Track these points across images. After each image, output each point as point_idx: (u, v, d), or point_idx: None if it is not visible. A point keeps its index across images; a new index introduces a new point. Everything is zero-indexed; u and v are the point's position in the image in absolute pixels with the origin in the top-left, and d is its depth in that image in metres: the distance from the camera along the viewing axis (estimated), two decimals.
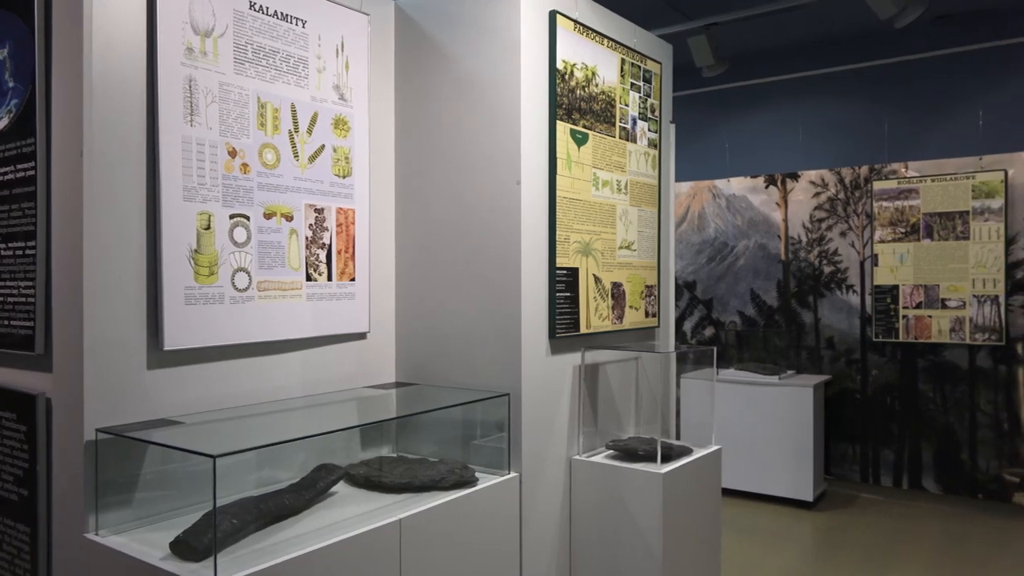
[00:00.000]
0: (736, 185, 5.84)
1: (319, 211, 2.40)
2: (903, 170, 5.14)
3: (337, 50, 2.47)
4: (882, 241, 5.19)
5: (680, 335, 6.10)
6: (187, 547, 1.68)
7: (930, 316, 5.03)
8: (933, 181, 5.00)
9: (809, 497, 4.91)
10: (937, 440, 5.04)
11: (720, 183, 5.91)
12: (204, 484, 1.95)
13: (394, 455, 2.63)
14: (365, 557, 1.90)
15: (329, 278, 2.43)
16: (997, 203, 4.80)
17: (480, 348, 2.54)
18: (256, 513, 1.88)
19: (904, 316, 5.12)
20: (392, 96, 2.75)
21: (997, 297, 4.80)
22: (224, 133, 2.12)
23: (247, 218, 2.18)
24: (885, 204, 5.17)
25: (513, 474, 2.45)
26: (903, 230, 5.11)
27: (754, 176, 5.77)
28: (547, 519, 2.61)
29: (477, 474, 2.38)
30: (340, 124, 2.47)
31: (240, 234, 2.16)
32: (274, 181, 2.26)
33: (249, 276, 2.18)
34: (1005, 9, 4.89)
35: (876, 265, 5.22)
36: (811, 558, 4.13)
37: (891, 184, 5.15)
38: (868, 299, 5.27)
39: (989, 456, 4.86)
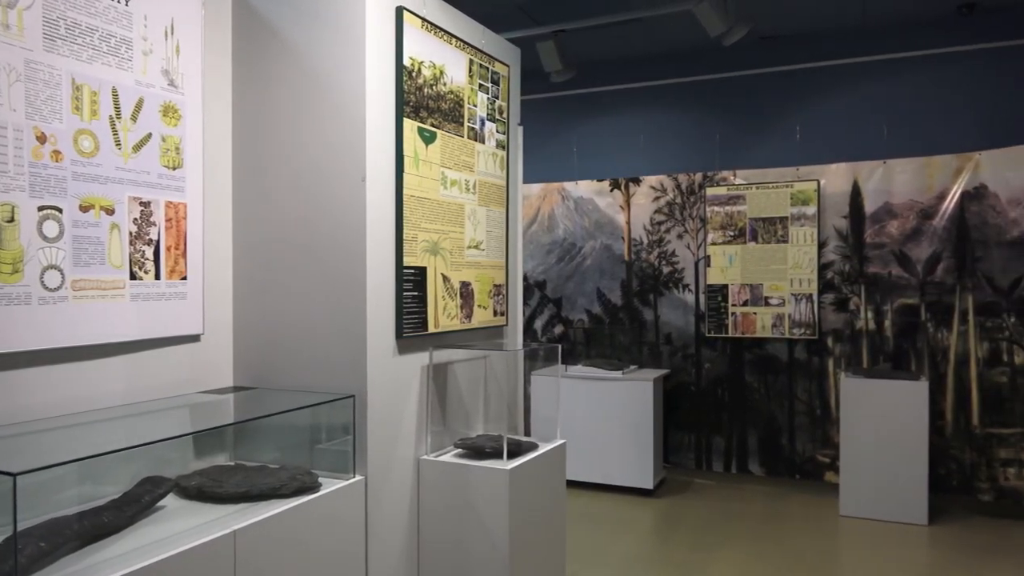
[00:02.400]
0: (584, 188, 6.06)
1: (145, 204, 2.23)
2: (732, 178, 5.55)
3: (166, 32, 2.30)
4: (714, 243, 5.57)
5: (531, 333, 6.25)
6: None
7: (755, 313, 5.46)
8: (757, 189, 5.44)
9: (649, 485, 5.18)
10: (761, 427, 5.48)
11: (569, 185, 6.11)
12: (5, 505, 1.76)
13: (231, 463, 2.50)
14: (195, 574, 1.78)
15: (157, 276, 2.27)
16: (811, 210, 5.28)
17: (324, 349, 2.47)
18: (70, 534, 1.72)
19: (733, 313, 5.52)
20: (229, 85, 2.61)
21: (811, 295, 5.29)
22: (31, 116, 1.92)
23: (59, 210, 1.98)
24: (716, 209, 5.55)
25: (358, 477, 2.40)
26: (732, 233, 5.52)
27: (600, 180, 6.01)
28: (394, 521, 2.58)
29: (321, 479, 2.31)
30: (169, 112, 2.31)
31: (51, 228, 1.96)
32: (92, 171, 2.07)
33: (62, 274, 1.99)
34: (822, 34, 5.41)
35: (709, 266, 5.59)
36: (651, 541, 4.37)
37: (721, 190, 5.54)
38: (702, 297, 5.63)
39: (805, 440, 5.35)
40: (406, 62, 2.56)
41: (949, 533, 4.46)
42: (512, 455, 2.69)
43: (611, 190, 5.96)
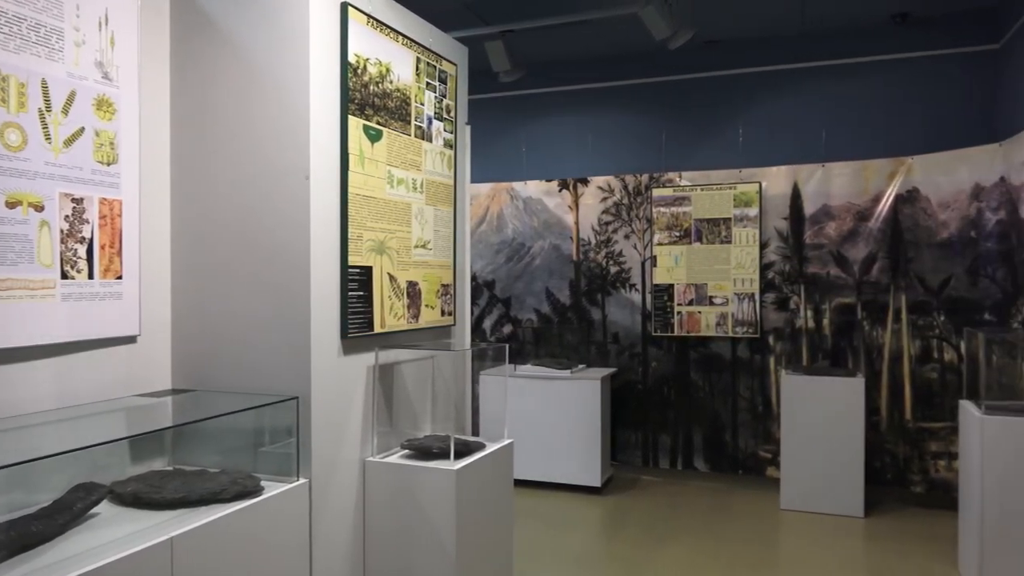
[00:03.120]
0: (532, 188, 6.08)
1: (77, 201, 2.15)
2: (677, 179, 5.64)
3: (100, 23, 2.23)
4: (660, 244, 5.65)
5: (480, 333, 6.24)
6: None
7: (700, 312, 5.57)
8: (702, 190, 5.54)
9: (597, 483, 5.23)
10: (706, 424, 5.58)
11: (518, 185, 6.12)
12: None
13: (169, 468, 2.43)
14: None
15: (90, 276, 2.19)
16: (754, 211, 5.41)
17: (267, 350, 2.42)
18: None
19: (678, 312, 5.61)
20: (167, 79, 2.54)
21: (753, 295, 5.41)
22: None
23: None
24: (662, 210, 5.64)
25: (302, 480, 2.36)
26: (677, 234, 5.61)
27: (549, 180, 6.04)
28: (339, 524, 2.54)
29: (263, 483, 2.26)
30: (104, 105, 2.23)
31: None
32: (19, 166, 1.99)
33: None
34: (763, 40, 5.54)
35: (655, 266, 5.67)
36: (598, 539, 4.41)
37: (667, 191, 5.63)
38: (648, 297, 5.71)
39: (747, 436, 5.47)
40: (351, 59, 2.53)
41: (883, 524, 4.61)
42: (459, 455, 2.68)
43: (559, 190, 5.99)
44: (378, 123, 2.68)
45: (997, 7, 4.89)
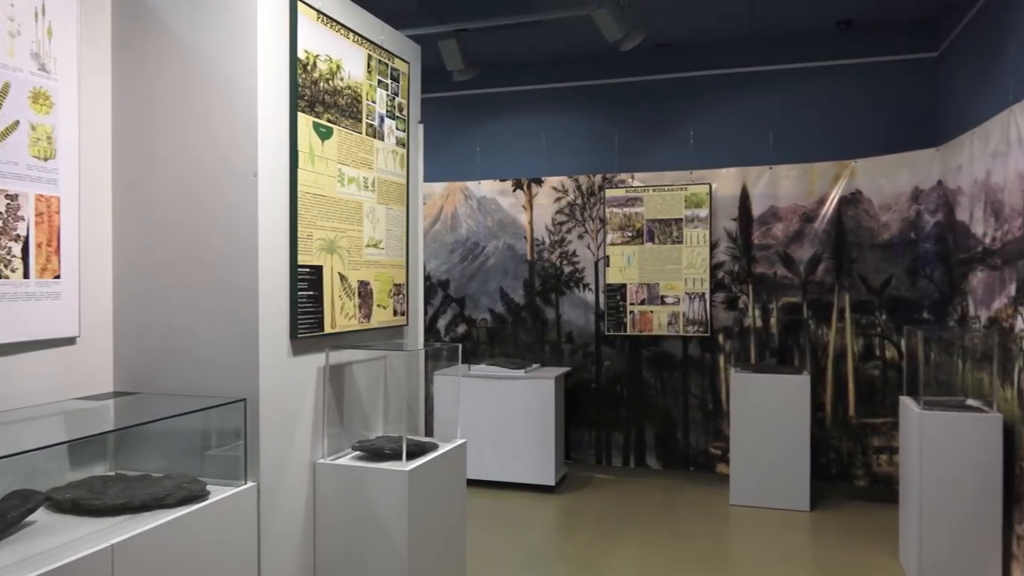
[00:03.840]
0: (486, 188, 6.08)
1: (12, 197, 2.07)
2: (630, 180, 5.70)
3: (36, 14, 2.15)
4: (613, 244, 5.71)
5: (434, 333, 6.21)
6: None
7: (652, 311, 5.64)
8: (654, 191, 5.61)
9: (551, 482, 5.25)
10: (658, 421, 5.66)
11: (472, 185, 6.11)
12: None
13: (111, 473, 2.36)
14: None
15: (26, 275, 2.11)
16: (704, 212, 5.50)
17: (213, 351, 2.36)
18: None
19: (631, 312, 5.68)
20: (109, 72, 2.46)
21: (704, 294, 5.51)
22: None
23: None
24: (615, 210, 5.70)
25: (250, 484, 2.32)
26: (630, 234, 5.67)
27: (503, 180, 6.05)
28: (289, 528, 2.50)
29: (210, 487, 2.21)
30: (40, 98, 2.16)
31: None
32: None
33: None
34: (713, 43, 5.63)
35: (608, 266, 5.73)
36: (552, 538, 4.43)
37: (620, 192, 5.68)
38: (601, 296, 5.76)
39: (698, 433, 5.56)
40: (301, 55, 2.49)
41: (828, 518, 4.74)
42: (412, 456, 2.67)
43: (514, 190, 6.00)
44: (328, 120, 2.64)
45: (935, 18, 5.06)
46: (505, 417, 5.31)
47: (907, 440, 3.87)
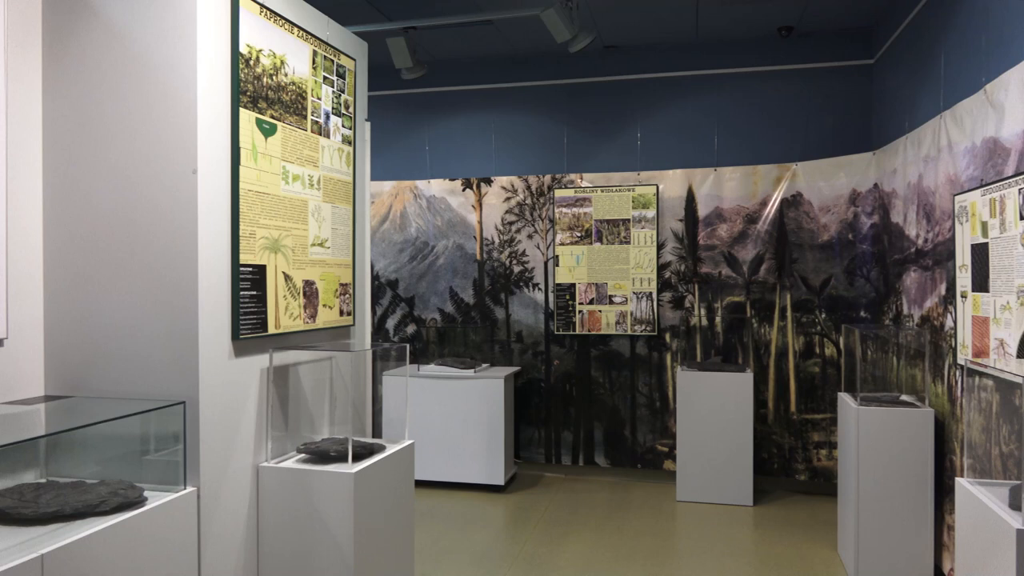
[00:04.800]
0: (436, 187, 6.05)
1: None
2: (579, 180, 5.75)
3: None
4: (562, 244, 5.74)
5: (383, 333, 6.15)
6: None
7: (600, 311, 5.69)
8: (603, 192, 5.67)
9: (501, 481, 5.25)
10: (606, 420, 5.71)
11: (421, 184, 6.08)
12: None
13: (42, 480, 2.27)
14: None
15: None
16: (651, 213, 5.58)
17: (151, 353, 2.29)
18: None
19: (580, 311, 5.72)
20: (39, 64, 2.37)
21: (651, 294, 5.58)
22: None
23: None
24: (564, 210, 5.73)
25: (190, 489, 2.26)
26: (579, 234, 5.72)
27: (452, 179, 6.03)
28: (230, 533, 2.44)
29: (147, 493, 2.15)
30: None
31: None
32: None
33: None
34: (660, 46, 5.71)
35: (557, 265, 5.76)
36: (501, 537, 4.43)
37: (569, 192, 5.72)
38: (551, 296, 5.79)
39: (646, 431, 5.64)
40: (243, 49, 2.44)
41: (771, 512, 4.85)
42: (358, 458, 2.64)
43: (463, 189, 5.99)
44: (272, 117, 2.59)
45: (872, 26, 5.23)
46: (454, 417, 5.30)
47: (845, 435, 3.99)
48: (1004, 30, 3.06)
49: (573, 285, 5.73)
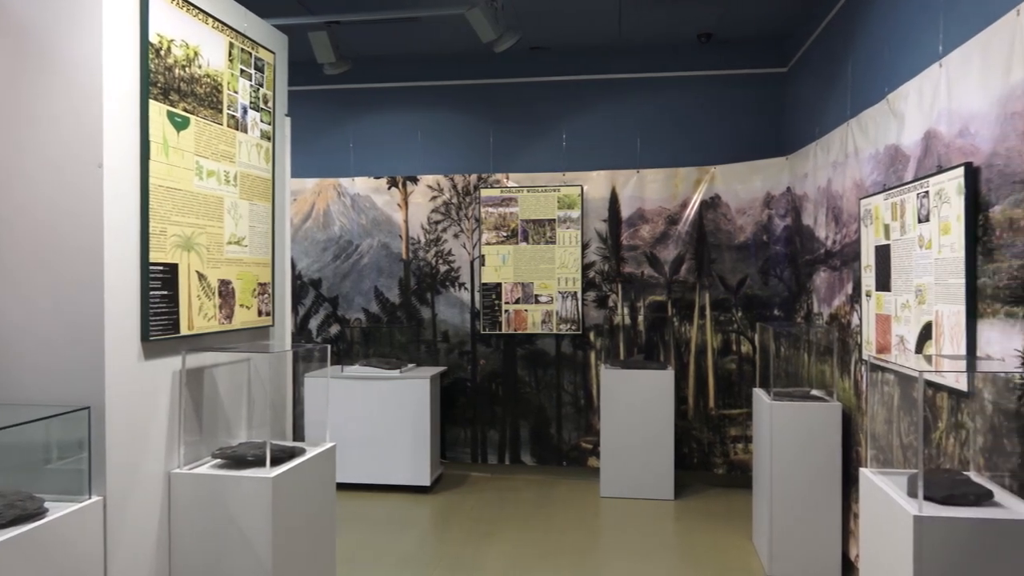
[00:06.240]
0: (360, 185, 5.96)
1: None
2: (505, 180, 5.77)
3: None
4: (488, 243, 5.75)
5: (306, 333, 6.02)
6: None
7: (526, 310, 5.72)
8: (528, 192, 5.70)
9: (427, 482, 5.22)
10: (532, 418, 5.75)
11: (345, 182, 5.98)
12: None
13: None
14: None
15: None
16: (576, 213, 5.65)
17: (54, 356, 2.18)
18: None
19: (506, 311, 5.74)
20: None
21: (576, 293, 5.65)
22: None
23: None
24: (490, 210, 5.74)
25: (95, 498, 2.15)
26: (505, 234, 5.74)
27: (377, 177, 5.95)
28: (140, 544, 2.34)
29: (48, 504, 2.03)
30: None
31: None
32: None
33: None
34: (584, 49, 5.79)
35: (483, 265, 5.76)
36: (426, 539, 4.40)
37: (495, 192, 5.73)
38: (477, 296, 5.79)
39: (571, 429, 5.70)
40: (153, 39, 2.34)
41: (691, 505, 4.99)
42: (277, 462, 2.57)
43: (388, 188, 5.92)
44: (185, 110, 2.50)
45: (786, 35, 5.44)
46: (380, 418, 5.23)
47: (759, 429, 4.14)
48: (905, 42, 3.24)
49: (499, 285, 5.74)
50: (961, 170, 2.51)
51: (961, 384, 2.53)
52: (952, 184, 2.58)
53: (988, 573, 1.97)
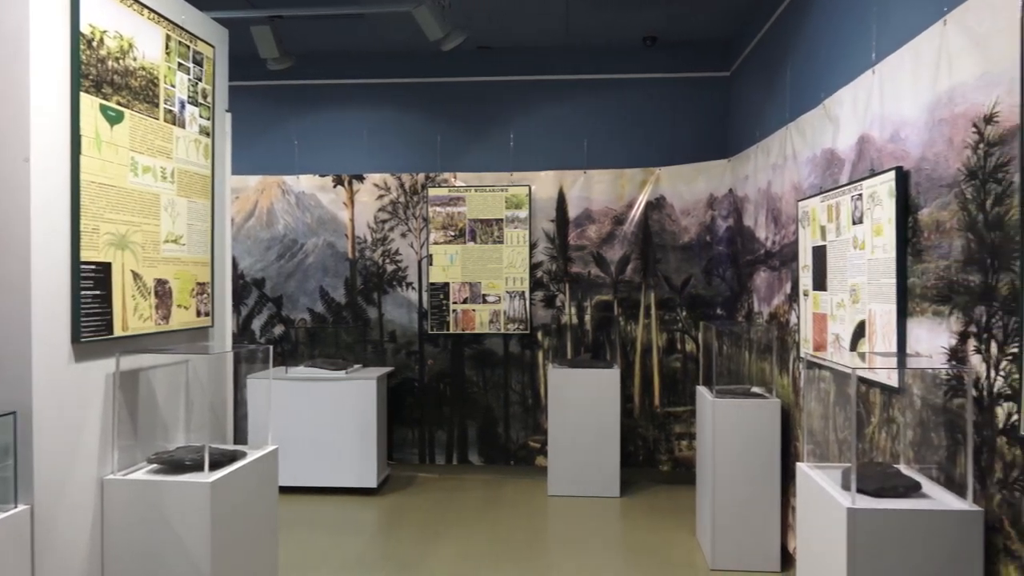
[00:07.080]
0: (305, 183, 5.86)
1: None
2: (452, 180, 5.75)
3: None
4: (436, 243, 5.72)
5: (249, 334, 5.89)
6: None
7: (474, 310, 5.71)
8: (476, 191, 5.69)
9: (373, 484, 5.16)
10: (480, 418, 5.75)
11: (289, 180, 5.87)
12: None
13: None
14: None
15: None
16: (524, 213, 5.66)
17: None
18: None
19: (454, 310, 5.72)
20: None
21: (524, 293, 5.67)
22: None
23: None
24: (438, 209, 5.71)
25: (22, 507, 2.06)
26: (453, 233, 5.71)
27: (323, 175, 5.86)
28: (71, 553, 2.26)
29: None
30: None
31: None
32: None
33: None
34: (532, 49, 5.81)
35: (431, 264, 5.73)
36: (372, 541, 4.35)
37: (443, 191, 5.71)
38: (425, 295, 5.76)
39: (519, 428, 5.72)
40: (84, 29, 2.25)
41: (637, 502, 5.05)
42: (216, 466, 2.50)
43: (334, 186, 5.84)
44: (118, 103, 2.41)
45: (728, 39, 5.56)
46: (325, 420, 5.15)
47: (702, 426, 4.22)
48: (841, 49, 3.34)
49: (447, 284, 5.72)
50: (892, 174, 2.60)
51: (892, 380, 2.63)
52: (884, 187, 2.67)
53: (916, 561, 2.05)
